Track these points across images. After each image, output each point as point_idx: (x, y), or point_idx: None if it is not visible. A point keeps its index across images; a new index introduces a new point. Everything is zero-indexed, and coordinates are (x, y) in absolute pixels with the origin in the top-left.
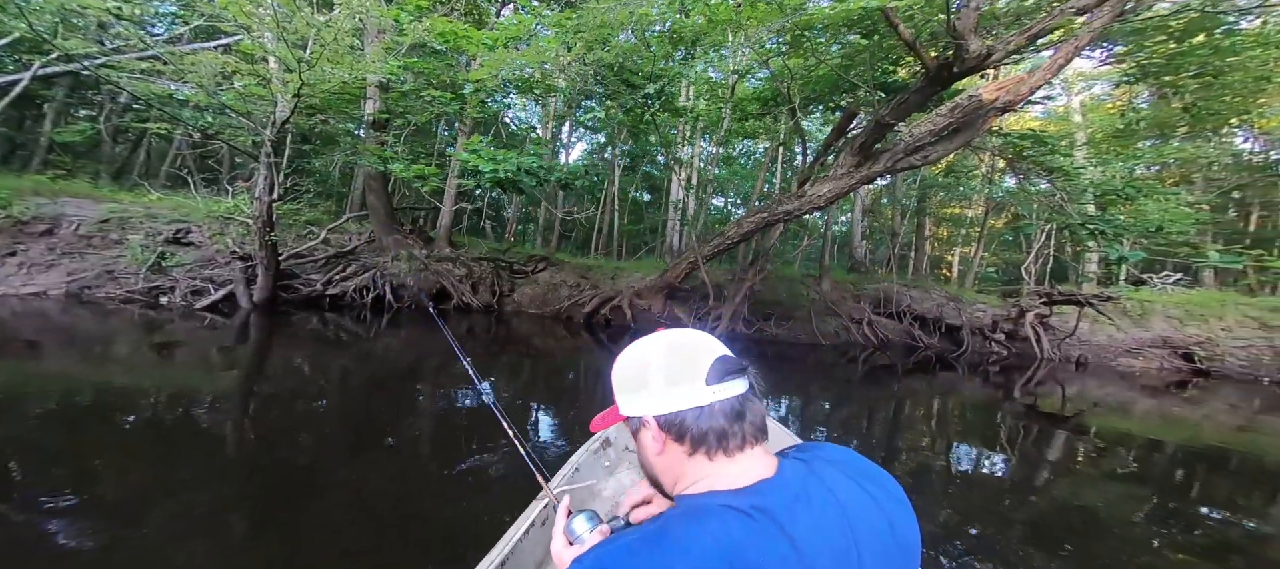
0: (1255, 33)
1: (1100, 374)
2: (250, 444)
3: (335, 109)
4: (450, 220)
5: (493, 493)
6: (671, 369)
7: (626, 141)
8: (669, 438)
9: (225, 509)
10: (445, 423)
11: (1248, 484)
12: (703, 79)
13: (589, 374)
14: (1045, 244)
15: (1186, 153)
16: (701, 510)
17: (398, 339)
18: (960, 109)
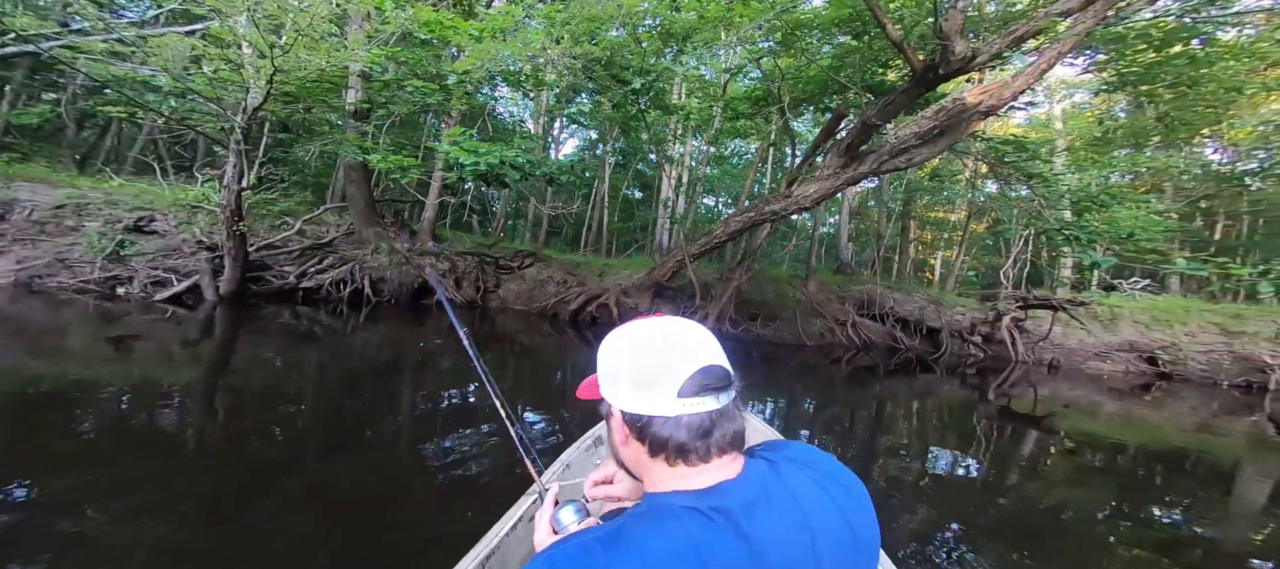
0: (1229, 44)
1: (1071, 376)
2: (215, 442)
3: (314, 98)
4: (434, 214)
5: (477, 491)
6: (642, 371)
7: (618, 139)
8: (631, 435)
9: (184, 509)
10: (428, 419)
11: (1204, 484)
12: (694, 77)
13: (575, 372)
14: (1023, 249)
15: (1158, 162)
16: (661, 511)
17: (377, 334)
18: (945, 112)
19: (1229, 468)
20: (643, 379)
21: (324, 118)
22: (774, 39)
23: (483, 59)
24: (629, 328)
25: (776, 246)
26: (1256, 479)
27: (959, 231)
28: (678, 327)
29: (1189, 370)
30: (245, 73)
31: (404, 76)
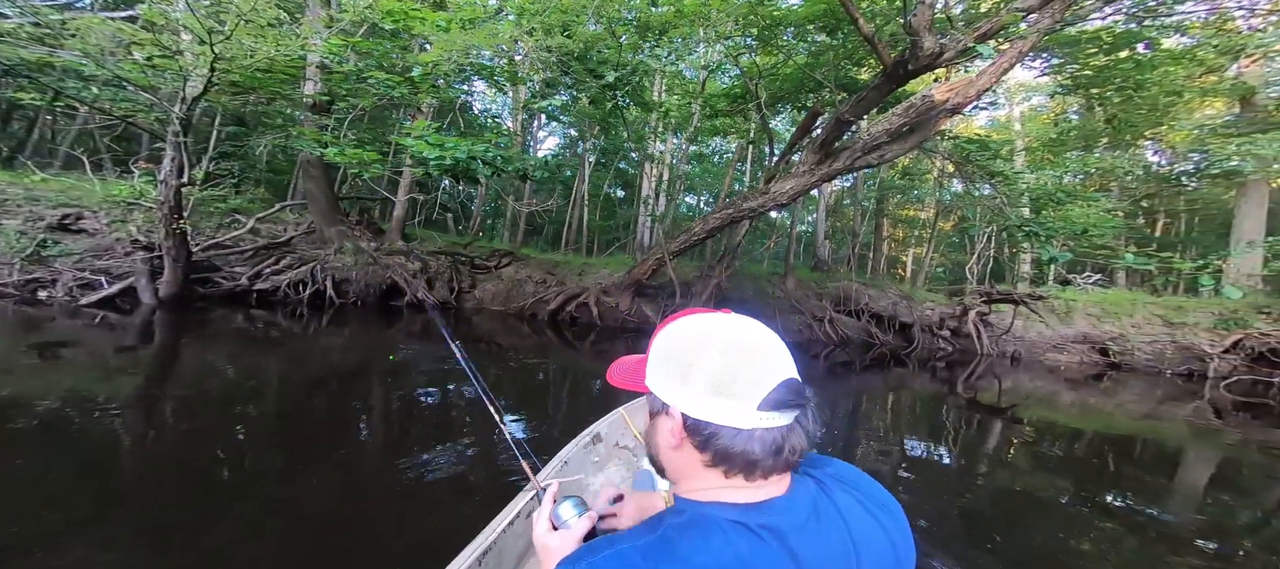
0: (1170, 50)
1: (1031, 368)
2: (161, 459)
3: (266, 89)
4: (404, 212)
5: (459, 501)
6: (722, 377)
7: (598, 136)
8: (690, 441)
9: (126, 539)
10: (402, 427)
11: (1152, 469)
12: (674, 74)
13: (558, 373)
14: (986, 246)
15: (1106, 163)
16: (707, 523)
17: (342, 337)
18: (914, 109)
19: (1173, 453)
20: (724, 386)
21: (280, 110)
22: (751, 35)
23: (450, 51)
24: (701, 323)
25: (757, 244)
26: (1198, 463)
27: (928, 229)
28: (761, 331)
29: (1136, 360)
30: (182, 60)
31: (365, 69)
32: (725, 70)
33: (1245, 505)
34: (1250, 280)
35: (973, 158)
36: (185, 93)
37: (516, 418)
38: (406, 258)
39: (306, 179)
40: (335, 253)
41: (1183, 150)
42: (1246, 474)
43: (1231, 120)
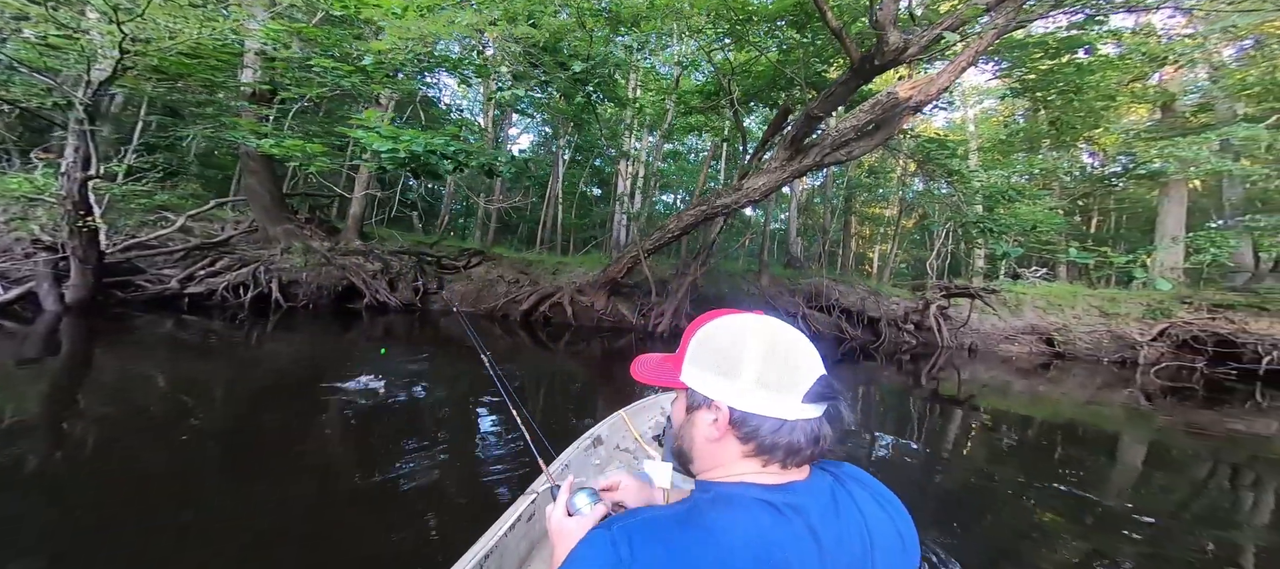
0: (1105, 56)
1: (986, 359)
2: (75, 480)
3: (195, 76)
4: (362, 209)
5: (434, 515)
6: (770, 371)
7: (572, 134)
8: (733, 433)
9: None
10: (363, 437)
11: (1093, 451)
12: (648, 71)
13: (532, 375)
14: (945, 242)
15: (1048, 164)
16: (733, 499)
17: (293, 343)
18: (880, 105)
19: (1112, 436)
20: (771, 379)
21: (215, 99)
22: (723, 29)
23: (405, 39)
24: (741, 322)
25: (731, 241)
26: (1133, 445)
27: (892, 227)
28: (794, 331)
29: (1078, 349)
30: (86, 41)
31: (309, 55)
32: (700, 67)
33: (1175, 484)
34: (1173, 273)
35: (933, 157)
36: (90, 77)
37: (492, 422)
38: (365, 258)
39: (247, 174)
40: (282, 253)
41: (1113, 153)
42: (1175, 454)
43: (1154, 125)
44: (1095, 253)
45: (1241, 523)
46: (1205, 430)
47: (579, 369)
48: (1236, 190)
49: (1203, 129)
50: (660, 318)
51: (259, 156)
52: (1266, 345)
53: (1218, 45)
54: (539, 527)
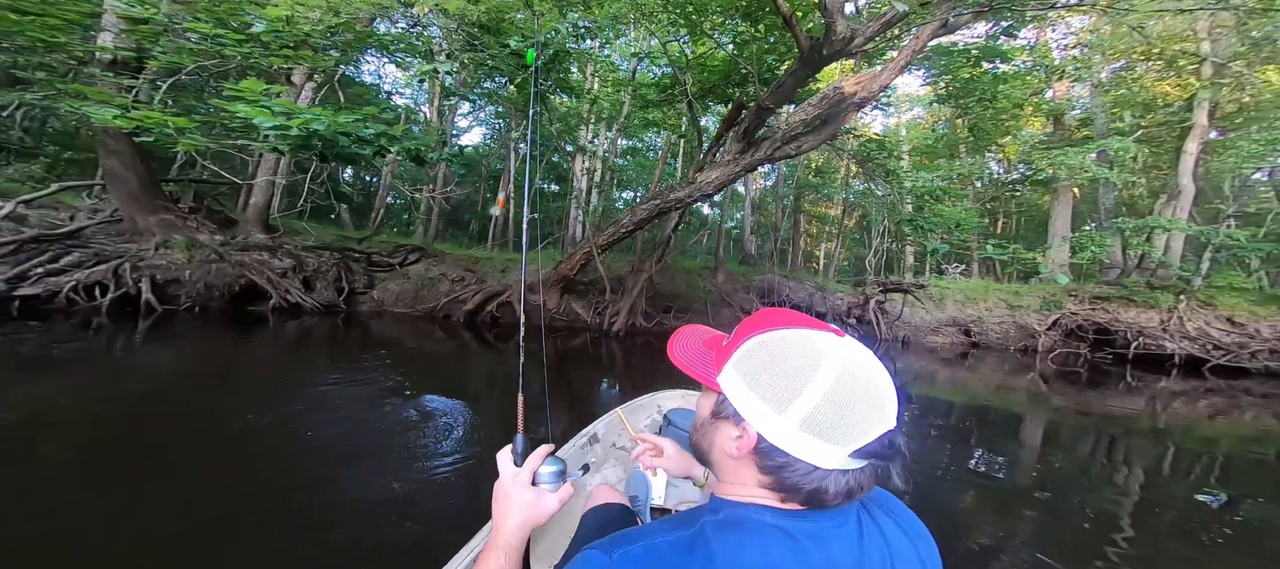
0: (1016, 70)
1: (917, 350)
2: None
3: (28, 36)
4: (268, 199)
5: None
6: (825, 416)
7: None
8: (754, 460)
9: None
10: (267, 457)
11: (1001, 432)
12: (604, 64)
13: (482, 380)
14: (882, 241)
15: (965, 169)
16: (745, 524)
17: (172, 353)
18: (827, 99)
19: (1016, 417)
20: (821, 426)
21: (46, 62)
22: (675, 15)
23: (309, 7)
24: (822, 348)
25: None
26: (1032, 425)
27: (837, 226)
28: (875, 370)
29: (990, 339)
30: None
31: (179, 19)
32: (657, 62)
33: (1067, 459)
34: (1062, 269)
35: (872, 157)
36: None
37: (438, 435)
38: (271, 253)
39: (106, 154)
40: (156, 248)
41: (1015, 161)
42: (1066, 433)
43: (1047, 137)
44: (1008, 250)
45: (1118, 488)
46: (1089, 409)
47: (533, 371)
48: (1110, 196)
49: (1085, 141)
50: (616, 316)
51: (120, 134)
52: (1134, 333)
53: (1098, 66)
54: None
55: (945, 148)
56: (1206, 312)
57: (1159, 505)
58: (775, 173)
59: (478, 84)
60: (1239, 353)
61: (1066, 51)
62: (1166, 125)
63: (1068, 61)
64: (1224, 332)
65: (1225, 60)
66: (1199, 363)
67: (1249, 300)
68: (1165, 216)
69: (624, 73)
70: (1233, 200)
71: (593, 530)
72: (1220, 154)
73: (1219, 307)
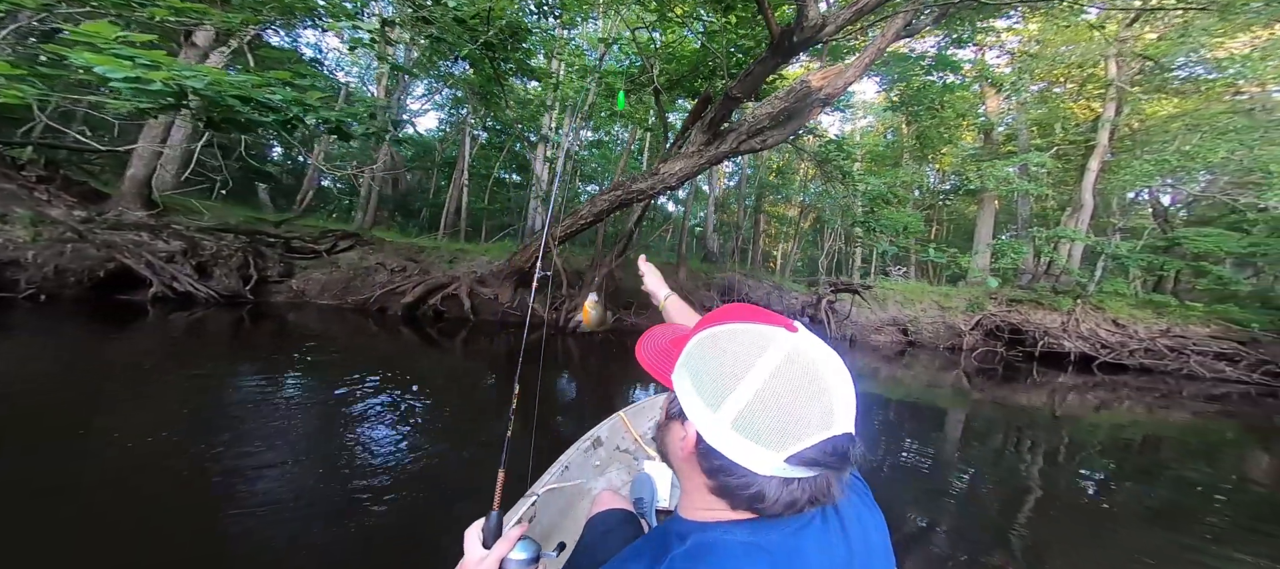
0: (959, 83)
1: (862, 348)
2: None
3: None
4: (149, 171)
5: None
6: (759, 417)
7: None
8: (698, 461)
9: None
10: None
11: (929, 423)
12: (571, 50)
13: (420, 380)
14: (834, 242)
15: (908, 177)
16: (716, 549)
17: (19, 348)
18: (793, 93)
19: (943, 411)
20: (753, 427)
21: None
22: (646, 7)
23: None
24: (763, 342)
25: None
26: (955, 417)
27: (793, 227)
28: (830, 364)
29: (924, 338)
30: None
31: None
32: (627, 51)
33: (986, 447)
34: (991, 272)
35: (831, 157)
36: None
37: (370, 456)
38: (153, 234)
39: None
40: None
41: (948, 171)
42: (982, 425)
43: (978, 150)
44: (947, 253)
45: (1023, 473)
46: (1003, 402)
47: (481, 369)
48: (1026, 207)
49: (1009, 155)
50: (574, 311)
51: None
52: (1041, 333)
53: (1025, 84)
54: (539, 529)
55: (893, 155)
56: (1098, 314)
57: (1054, 486)
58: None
59: (434, 65)
60: (1120, 351)
61: (1001, 68)
62: (1075, 144)
63: (1003, 78)
64: (1110, 332)
65: (1126, 86)
66: (1090, 360)
67: (1129, 305)
68: (1069, 228)
69: (592, 60)
70: (1120, 216)
71: (596, 536)
72: (1115, 173)
73: (1108, 310)
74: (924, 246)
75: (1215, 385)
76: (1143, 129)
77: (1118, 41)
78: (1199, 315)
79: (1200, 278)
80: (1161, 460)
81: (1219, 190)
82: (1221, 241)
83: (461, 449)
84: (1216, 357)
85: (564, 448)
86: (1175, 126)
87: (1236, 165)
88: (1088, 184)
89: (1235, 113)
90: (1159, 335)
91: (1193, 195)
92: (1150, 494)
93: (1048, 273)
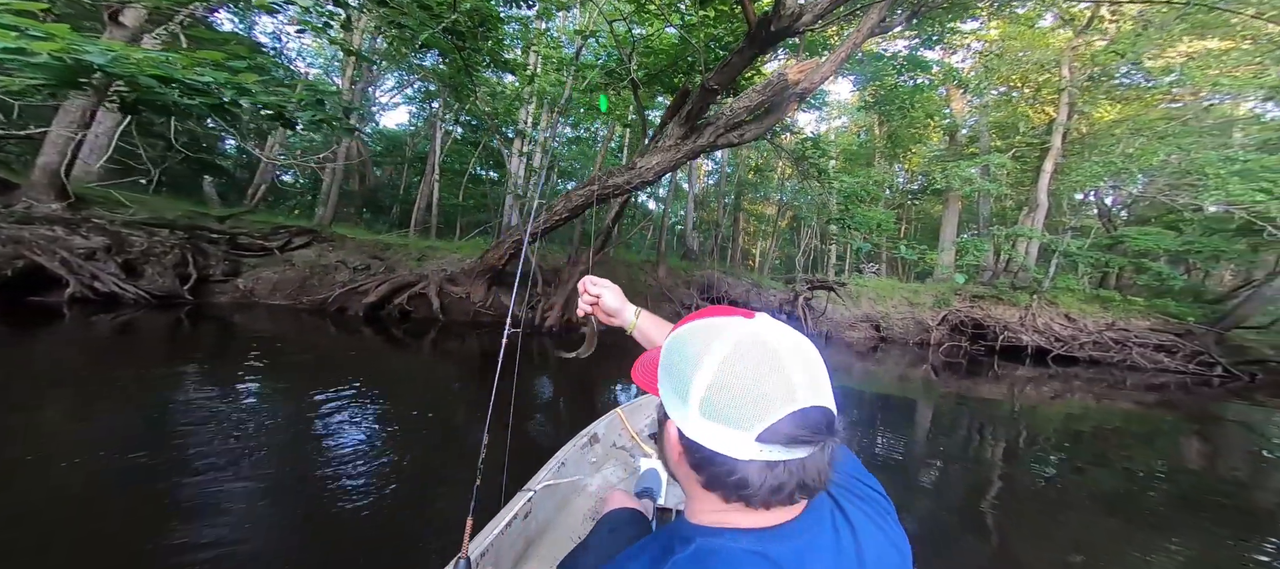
0: (928, 84)
1: (837, 345)
2: None
3: None
4: (63, 159)
5: None
6: (717, 401)
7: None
8: (685, 458)
9: None
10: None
11: (900, 416)
12: (549, 43)
13: (383, 384)
14: (810, 241)
15: (879, 177)
16: (718, 554)
17: None
18: (771, 86)
19: (912, 403)
20: (718, 409)
21: None
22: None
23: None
24: (716, 330)
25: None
26: (924, 409)
27: (772, 225)
28: (785, 342)
29: (895, 334)
30: None
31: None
32: (603, 46)
33: (952, 439)
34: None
35: (807, 155)
36: None
37: (343, 466)
38: (69, 228)
39: None
40: None
41: (916, 172)
42: (947, 416)
43: (943, 152)
44: (917, 250)
45: (987, 460)
46: (967, 394)
47: (451, 372)
48: (987, 206)
49: (972, 156)
50: (550, 310)
51: None
52: (1001, 327)
53: (987, 87)
54: (535, 525)
55: (866, 154)
56: (1052, 309)
57: (1014, 474)
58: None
59: (402, 56)
60: (1072, 344)
61: (967, 71)
62: (1031, 146)
63: (968, 79)
64: (1063, 326)
65: (1077, 90)
66: (1045, 353)
67: (1079, 300)
68: (1026, 226)
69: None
70: (1071, 215)
71: (605, 536)
72: (1067, 174)
73: (1061, 305)
74: (895, 244)
75: (1156, 375)
76: (1091, 133)
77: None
78: (1140, 309)
79: (1141, 274)
80: (1108, 448)
81: (1157, 191)
82: (1160, 240)
83: (429, 462)
84: (1156, 348)
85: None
86: (1120, 131)
87: (1173, 168)
88: (1043, 184)
89: (1171, 119)
90: (1105, 329)
91: (1133, 196)
92: (1099, 480)
93: (1007, 269)
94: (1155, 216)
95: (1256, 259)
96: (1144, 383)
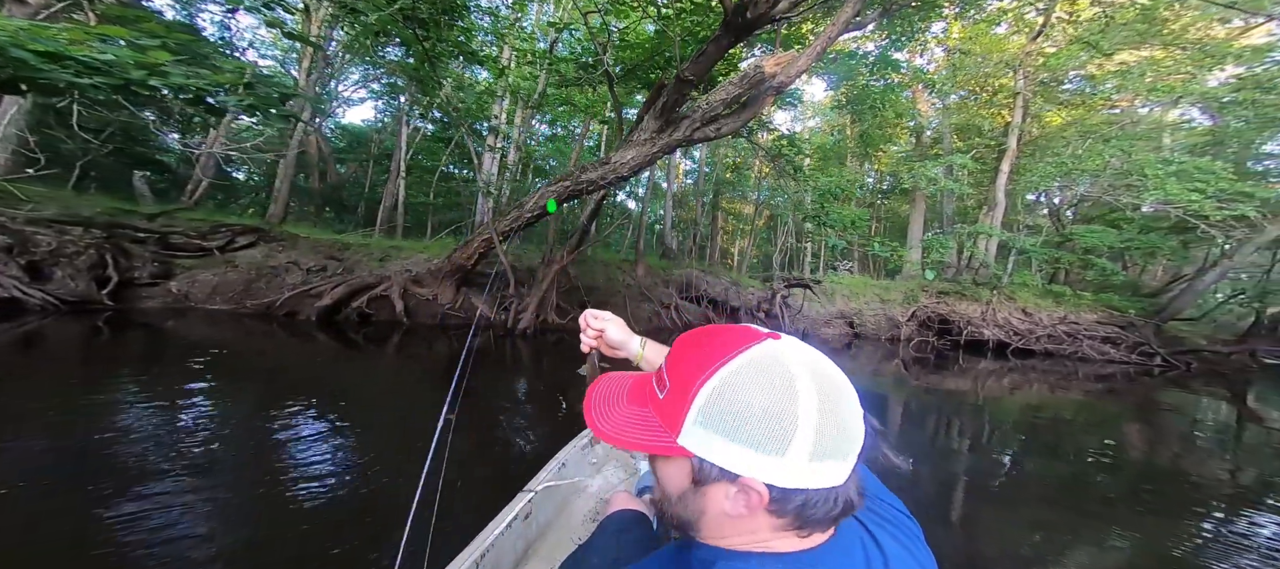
0: (899, 84)
1: (813, 342)
2: None
3: None
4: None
5: None
6: (825, 438)
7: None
8: (768, 509)
9: None
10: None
11: (872, 409)
12: (522, 36)
13: (339, 398)
14: (787, 239)
15: (852, 176)
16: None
17: None
18: (747, 78)
19: (884, 397)
20: (827, 446)
21: None
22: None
23: None
24: (796, 372)
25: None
26: (895, 403)
27: (749, 224)
28: (829, 365)
29: (868, 330)
30: None
31: None
32: (580, 40)
33: (922, 431)
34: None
35: (784, 152)
36: None
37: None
38: None
39: None
40: None
41: (885, 172)
42: (916, 409)
43: (910, 152)
44: (889, 247)
45: (953, 450)
46: (935, 388)
47: (415, 375)
48: (950, 205)
49: (936, 157)
50: (523, 311)
51: None
52: (964, 323)
53: (950, 90)
54: (536, 526)
55: (839, 153)
56: (1010, 304)
57: (977, 463)
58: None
59: (364, 47)
60: (1029, 337)
61: (932, 71)
62: (990, 147)
63: (934, 80)
64: (1021, 321)
65: (1029, 95)
66: (1005, 347)
67: (1034, 295)
68: (986, 224)
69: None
70: (1025, 214)
71: (609, 538)
72: (1022, 175)
73: (1018, 300)
74: (869, 241)
75: (1104, 366)
76: (1043, 136)
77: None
78: (1088, 303)
79: (1088, 269)
80: (1062, 436)
81: (1101, 191)
82: (1103, 237)
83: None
84: (1104, 340)
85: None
86: (1069, 133)
87: (1115, 170)
88: (1000, 184)
89: (1112, 123)
90: (1058, 322)
91: (1079, 196)
92: (1054, 466)
93: (969, 266)
94: (1099, 215)
95: (1187, 255)
96: (1093, 373)
